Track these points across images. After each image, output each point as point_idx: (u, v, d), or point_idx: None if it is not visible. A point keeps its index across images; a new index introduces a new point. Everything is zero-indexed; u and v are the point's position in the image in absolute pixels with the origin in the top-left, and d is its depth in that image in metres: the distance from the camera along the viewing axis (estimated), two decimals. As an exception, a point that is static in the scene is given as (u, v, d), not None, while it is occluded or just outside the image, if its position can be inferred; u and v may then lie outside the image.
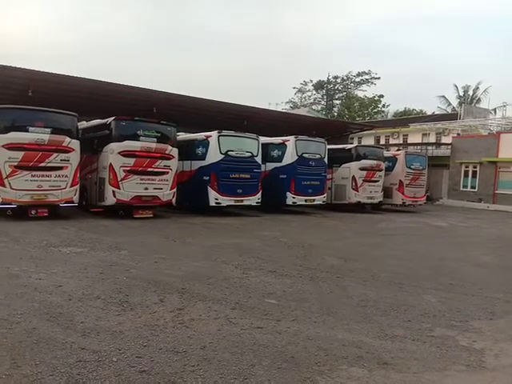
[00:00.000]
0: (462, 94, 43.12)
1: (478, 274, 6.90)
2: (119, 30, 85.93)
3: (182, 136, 14.02)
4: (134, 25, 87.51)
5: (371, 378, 3.08)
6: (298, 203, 15.05)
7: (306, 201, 15.15)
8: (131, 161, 11.25)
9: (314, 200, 15.34)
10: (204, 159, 13.21)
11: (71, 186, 10.56)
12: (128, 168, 11.21)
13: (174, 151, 12.04)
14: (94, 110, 14.47)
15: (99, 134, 11.82)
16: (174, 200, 12.13)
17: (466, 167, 26.03)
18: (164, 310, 4.33)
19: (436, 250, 9.20)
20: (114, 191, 11.06)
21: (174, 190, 12.07)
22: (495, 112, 35.71)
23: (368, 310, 4.65)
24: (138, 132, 11.48)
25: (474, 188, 25.40)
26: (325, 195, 15.78)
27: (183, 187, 12.97)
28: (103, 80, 15.98)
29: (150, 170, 11.51)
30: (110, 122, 11.39)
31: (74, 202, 10.73)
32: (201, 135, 13.72)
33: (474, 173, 25.59)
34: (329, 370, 3.15)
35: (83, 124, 12.49)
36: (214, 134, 13.08)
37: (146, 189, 11.49)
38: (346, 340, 3.75)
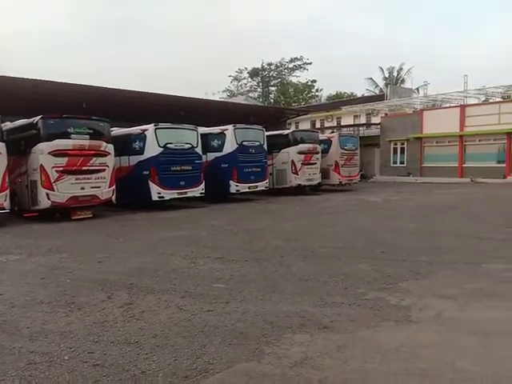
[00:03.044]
0: (387, 75, 45.75)
1: (407, 241, 7.58)
2: (56, 27, 79.97)
3: (117, 131, 13.63)
4: (70, 23, 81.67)
5: (313, 341, 3.39)
6: (242, 191, 15.32)
7: (249, 188, 15.46)
8: (64, 160, 10.76)
9: (256, 186, 15.70)
10: (142, 153, 12.97)
11: (0, 192, 9.92)
12: (61, 168, 10.71)
13: (110, 147, 11.68)
14: (19, 111, 13.56)
15: (26, 135, 11.15)
16: (113, 198, 11.82)
17: (395, 144, 27.94)
18: (113, 306, 4.36)
19: (370, 223, 9.91)
20: (47, 193, 10.54)
21: (113, 187, 11.76)
22: (418, 91, 38.32)
23: (309, 283, 5.00)
24: (69, 130, 10.97)
25: (403, 163, 27.39)
26: (267, 181, 16.19)
27: (122, 184, 12.65)
28: (26, 77, 14.98)
29: (84, 168, 11.10)
30: (37, 121, 10.78)
31: (5, 209, 10.10)
32: (137, 129, 13.43)
33: (402, 149, 27.55)
34: (275, 340, 3.42)
35: (7, 125, 11.69)
36: (151, 127, 12.87)
37: (83, 188, 11.08)
38: (290, 312, 4.05)
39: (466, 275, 5.27)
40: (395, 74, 45.57)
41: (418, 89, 38.81)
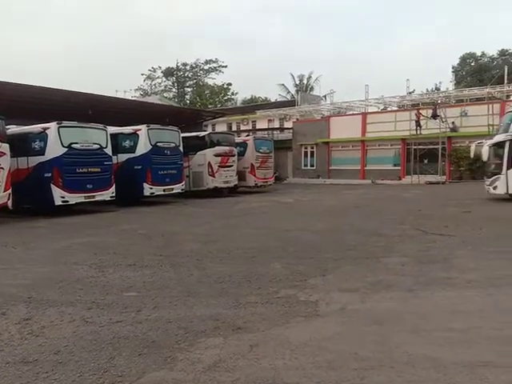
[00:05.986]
0: (298, 82, 47.98)
1: (315, 240, 8.01)
2: None
3: (14, 129, 12.34)
4: None
5: (226, 343, 3.42)
6: (157, 193, 14.89)
7: (164, 190, 15.07)
8: None
9: (172, 189, 15.37)
10: (43, 154, 11.92)
11: None
12: None
13: (5, 147, 10.58)
14: None
15: None
16: (9, 203, 10.68)
17: (305, 148, 29.43)
18: (8, 323, 3.93)
19: (283, 223, 10.28)
20: None
21: (9, 191, 10.63)
22: (325, 98, 40.81)
23: (224, 285, 5.03)
24: (-47, 127, 9.70)
25: (313, 166, 28.99)
26: (183, 183, 15.94)
27: (21, 187, 11.49)
28: None
29: (-26, 170, 9.89)
30: None
31: None
32: (37, 127, 12.32)
33: (312, 153, 29.15)
34: (188, 346, 3.37)
35: None
36: (53, 125, 11.90)
37: (-28, 193, 9.85)
38: (205, 315, 4.04)
39: (367, 269, 5.73)
40: (305, 81, 48.04)
41: (325, 96, 41.39)
